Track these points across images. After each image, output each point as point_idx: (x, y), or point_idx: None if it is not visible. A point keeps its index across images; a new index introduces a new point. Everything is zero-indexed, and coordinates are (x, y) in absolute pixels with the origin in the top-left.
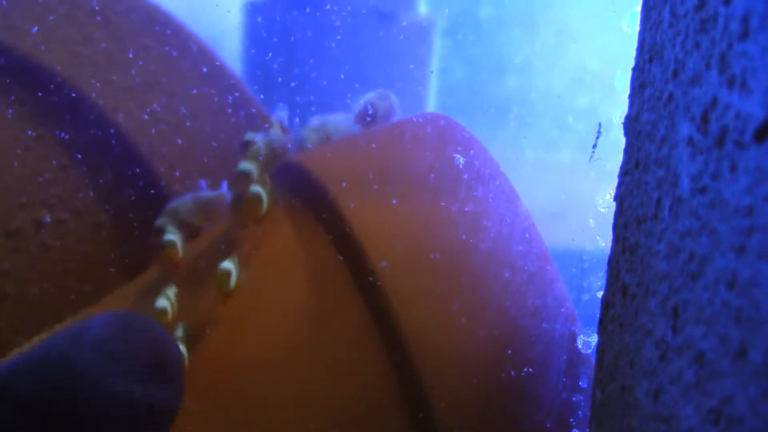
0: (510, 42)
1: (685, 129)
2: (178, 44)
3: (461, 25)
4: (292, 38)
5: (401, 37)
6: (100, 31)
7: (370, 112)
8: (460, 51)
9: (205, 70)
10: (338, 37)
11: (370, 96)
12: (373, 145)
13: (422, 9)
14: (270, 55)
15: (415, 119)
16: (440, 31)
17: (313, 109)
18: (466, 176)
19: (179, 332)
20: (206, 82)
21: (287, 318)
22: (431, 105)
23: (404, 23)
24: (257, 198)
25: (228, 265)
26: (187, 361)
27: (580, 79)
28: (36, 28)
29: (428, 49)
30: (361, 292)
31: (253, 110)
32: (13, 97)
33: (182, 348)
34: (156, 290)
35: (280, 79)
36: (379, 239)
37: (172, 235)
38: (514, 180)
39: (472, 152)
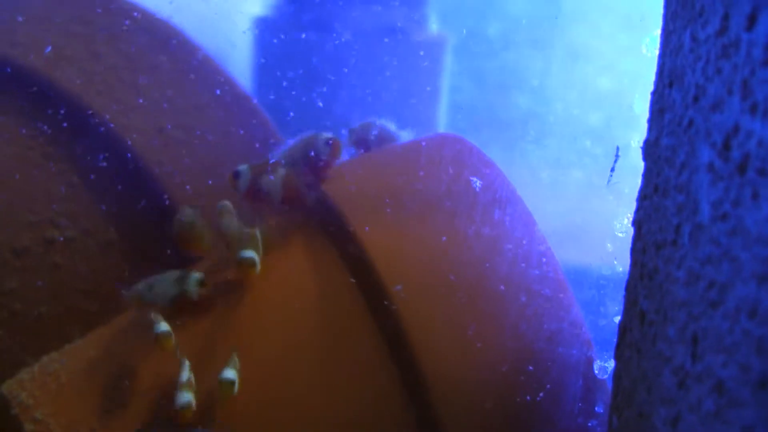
0: (521, 61)
1: (706, 155)
2: (189, 61)
3: (472, 44)
4: (303, 54)
5: (419, 52)
6: (110, 49)
7: (370, 136)
8: (471, 69)
9: (214, 87)
10: (350, 54)
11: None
12: (389, 168)
13: (434, 27)
14: (279, 73)
15: (430, 140)
16: (451, 48)
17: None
18: (482, 199)
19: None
20: (216, 99)
21: (300, 341)
22: (442, 123)
23: (416, 40)
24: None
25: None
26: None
27: (592, 100)
28: (47, 47)
29: (439, 67)
30: (375, 316)
31: (262, 126)
32: (23, 116)
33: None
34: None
35: (293, 92)
36: (394, 262)
37: (165, 326)
38: (527, 200)
39: (488, 175)
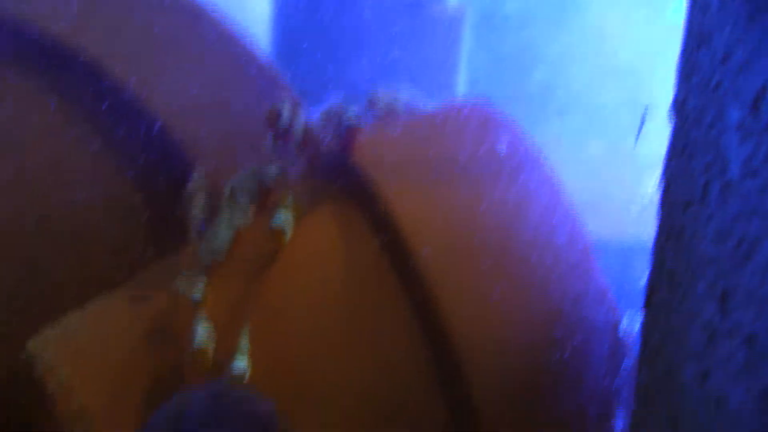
0: (538, 35)
1: (735, 115)
2: (213, 30)
3: (490, 18)
4: (322, 25)
5: (431, 27)
6: (135, 16)
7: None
8: (488, 44)
9: (238, 55)
10: (368, 26)
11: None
12: (416, 132)
13: (452, 1)
14: (300, 38)
15: (457, 105)
16: (469, 23)
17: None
18: (509, 163)
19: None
20: (240, 67)
21: (328, 305)
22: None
23: (434, 14)
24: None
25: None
26: None
27: (609, 73)
28: (70, 12)
29: (457, 41)
30: (402, 279)
31: (284, 94)
32: (46, 82)
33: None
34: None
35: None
36: (421, 225)
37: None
38: None
39: (516, 139)
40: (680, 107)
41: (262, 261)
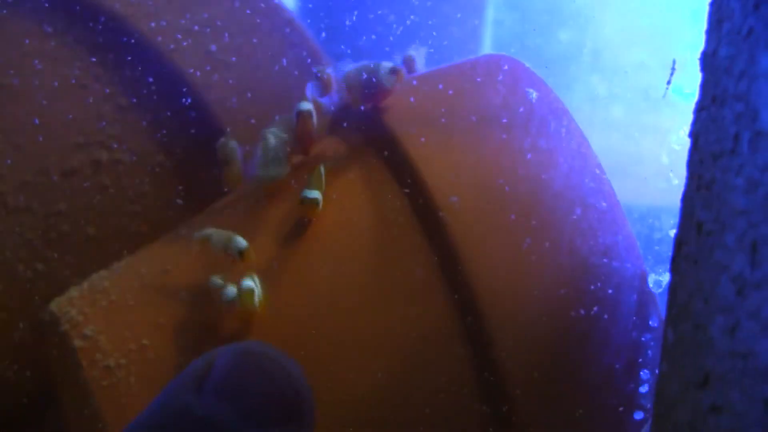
0: None
1: (766, 62)
2: None
3: None
4: None
5: None
6: None
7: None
8: (514, 2)
9: (262, 9)
10: None
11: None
12: (442, 84)
13: None
14: None
15: (482, 59)
16: None
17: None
18: (537, 113)
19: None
20: (263, 23)
21: (356, 256)
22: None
23: None
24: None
25: (249, 283)
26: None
27: (636, 34)
28: None
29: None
30: (429, 229)
31: (308, 51)
32: (71, 37)
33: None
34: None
35: (346, 22)
36: (449, 175)
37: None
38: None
39: (541, 91)
40: (710, 57)
41: (295, 229)
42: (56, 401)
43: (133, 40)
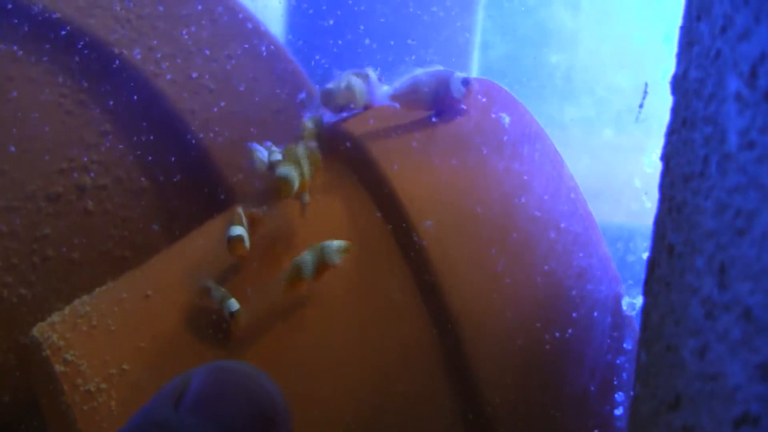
0: (553, 18)
1: (733, 84)
2: (220, 8)
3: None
4: (334, 10)
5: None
6: None
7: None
8: (502, 25)
9: (247, 36)
10: (381, 4)
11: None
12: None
13: None
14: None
15: None
16: (483, 4)
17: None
18: (511, 136)
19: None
20: (247, 49)
21: (334, 277)
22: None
23: None
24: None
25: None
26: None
27: (623, 56)
28: None
29: (472, 21)
30: (404, 252)
31: (294, 77)
32: (56, 63)
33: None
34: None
35: (330, 41)
36: (424, 199)
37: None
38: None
39: (516, 113)
40: (681, 79)
41: (273, 251)
42: (37, 424)
43: (115, 66)
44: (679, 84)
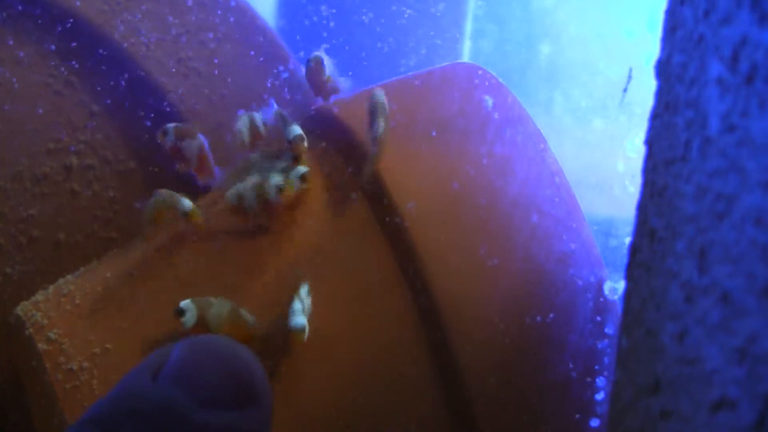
0: (544, 8)
1: (715, 68)
2: None
3: None
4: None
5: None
6: None
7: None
8: (494, 16)
9: (235, 18)
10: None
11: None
12: (401, 91)
13: None
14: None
15: (442, 67)
16: None
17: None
18: (494, 119)
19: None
20: (237, 32)
21: (316, 261)
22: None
23: None
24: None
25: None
26: None
27: (614, 48)
28: None
29: (463, 12)
30: (386, 234)
31: (283, 60)
32: (44, 43)
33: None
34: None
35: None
36: (406, 181)
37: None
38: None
39: (500, 96)
40: (665, 64)
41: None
42: (21, 402)
43: (105, 47)
44: (663, 68)
